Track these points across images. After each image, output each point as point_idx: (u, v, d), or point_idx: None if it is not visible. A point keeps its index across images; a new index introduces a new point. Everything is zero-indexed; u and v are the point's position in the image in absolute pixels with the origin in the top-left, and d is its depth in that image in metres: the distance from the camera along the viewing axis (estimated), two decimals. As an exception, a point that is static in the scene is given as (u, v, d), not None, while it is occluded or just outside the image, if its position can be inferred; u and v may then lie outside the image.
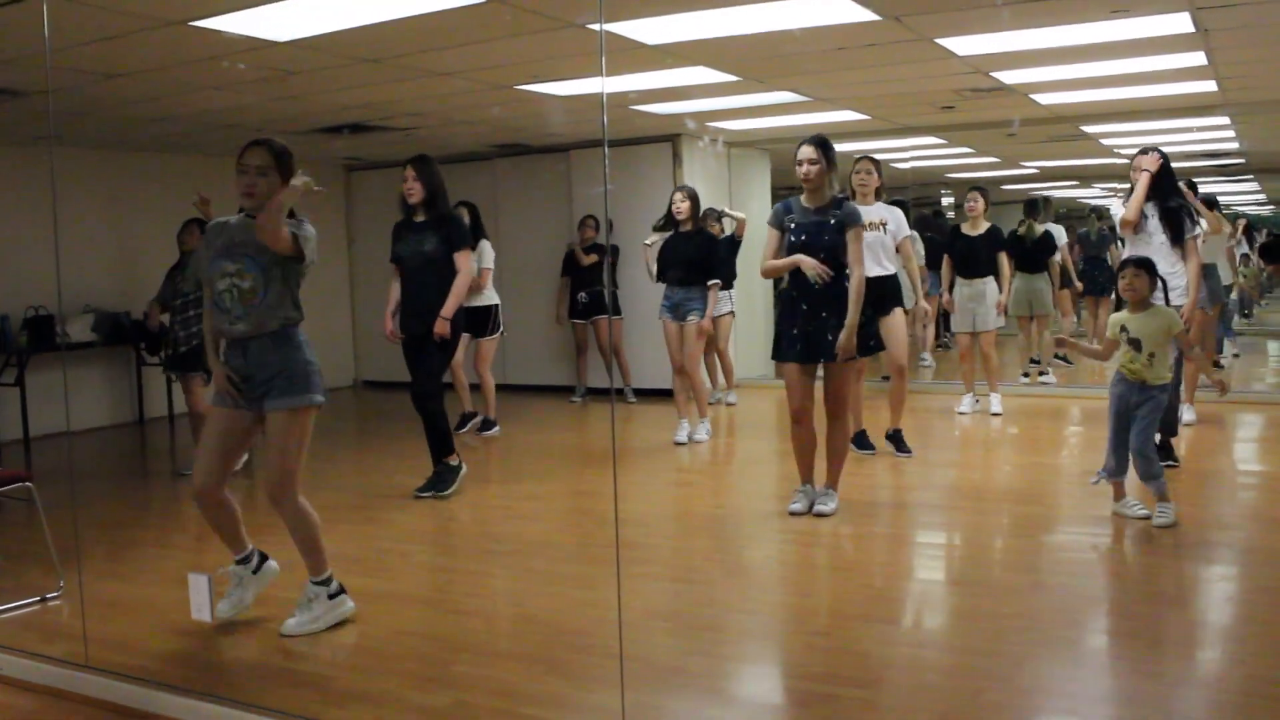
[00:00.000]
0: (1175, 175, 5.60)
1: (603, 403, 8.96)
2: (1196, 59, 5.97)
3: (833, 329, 4.79)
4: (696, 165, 9.09)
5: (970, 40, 5.45)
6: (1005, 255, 7.60)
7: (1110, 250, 9.86)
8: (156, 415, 8.83)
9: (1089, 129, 8.91)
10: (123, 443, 8.24)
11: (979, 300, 7.47)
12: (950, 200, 13.05)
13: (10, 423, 7.71)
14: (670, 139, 8.93)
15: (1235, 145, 10.09)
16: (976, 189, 7.67)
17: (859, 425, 6.32)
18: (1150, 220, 5.46)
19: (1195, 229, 5.50)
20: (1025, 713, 2.99)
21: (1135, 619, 3.70)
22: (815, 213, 4.84)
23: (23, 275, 7.71)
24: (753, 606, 4.00)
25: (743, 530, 5.05)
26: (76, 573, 4.09)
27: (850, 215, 4.84)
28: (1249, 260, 11.83)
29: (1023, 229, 8.71)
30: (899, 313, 6.14)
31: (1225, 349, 9.76)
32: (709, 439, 7.06)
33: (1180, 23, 5.08)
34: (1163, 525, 4.51)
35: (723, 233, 7.84)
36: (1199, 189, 7.35)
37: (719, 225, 7.86)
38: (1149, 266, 4.72)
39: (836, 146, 4.87)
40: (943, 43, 5.47)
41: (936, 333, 10.93)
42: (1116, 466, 4.72)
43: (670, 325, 6.86)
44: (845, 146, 5.77)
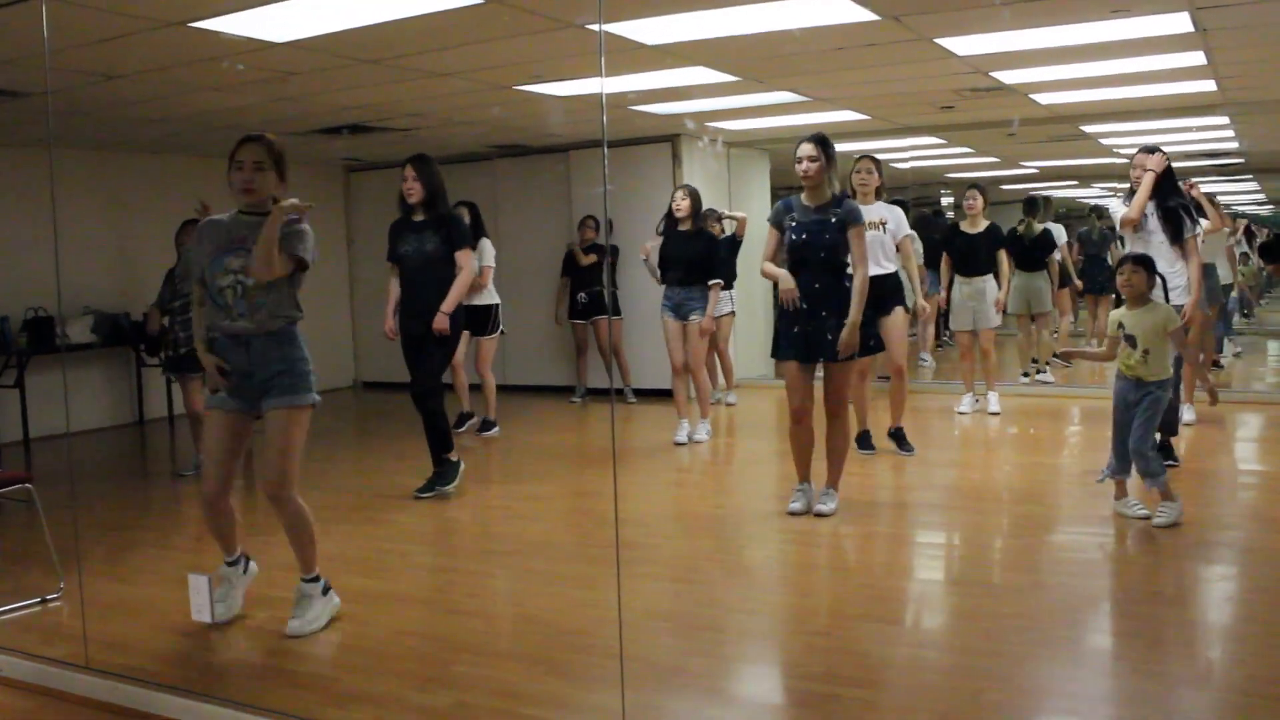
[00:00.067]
0: (1175, 175, 5.61)
1: (602, 403, 8.96)
2: (1196, 59, 5.97)
3: (832, 328, 4.78)
4: (696, 165, 9.09)
5: (970, 40, 5.45)
6: (1005, 253, 7.62)
7: (1110, 249, 9.85)
8: (156, 416, 8.83)
9: (1088, 129, 8.90)
10: (122, 444, 8.24)
11: (979, 298, 7.47)
12: (950, 200, 13.05)
13: (10, 424, 7.71)
14: (670, 139, 8.93)
15: (1235, 145, 10.09)
16: (975, 187, 7.68)
17: (864, 425, 6.33)
18: (1150, 219, 5.47)
19: (1195, 227, 5.50)
20: (1025, 713, 3.00)
21: (1135, 619, 3.70)
22: (815, 211, 4.84)
23: (22, 277, 7.71)
24: (753, 606, 4.00)
25: (743, 530, 5.05)
26: (76, 574, 4.09)
27: (851, 213, 4.84)
28: (1248, 259, 11.84)
29: (1022, 227, 8.71)
30: (899, 312, 6.14)
31: (1226, 348, 9.77)
32: (709, 439, 7.06)
33: (1179, 22, 5.08)
34: (1162, 525, 4.51)
35: (723, 233, 7.83)
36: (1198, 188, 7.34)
37: (719, 225, 7.86)
38: (1147, 263, 4.72)
39: (836, 146, 4.87)
40: (942, 42, 5.47)
41: (936, 332, 10.93)
42: (1118, 465, 4.73)
43: (672, 324, 6.84)
44: (845, 146, 5.76)
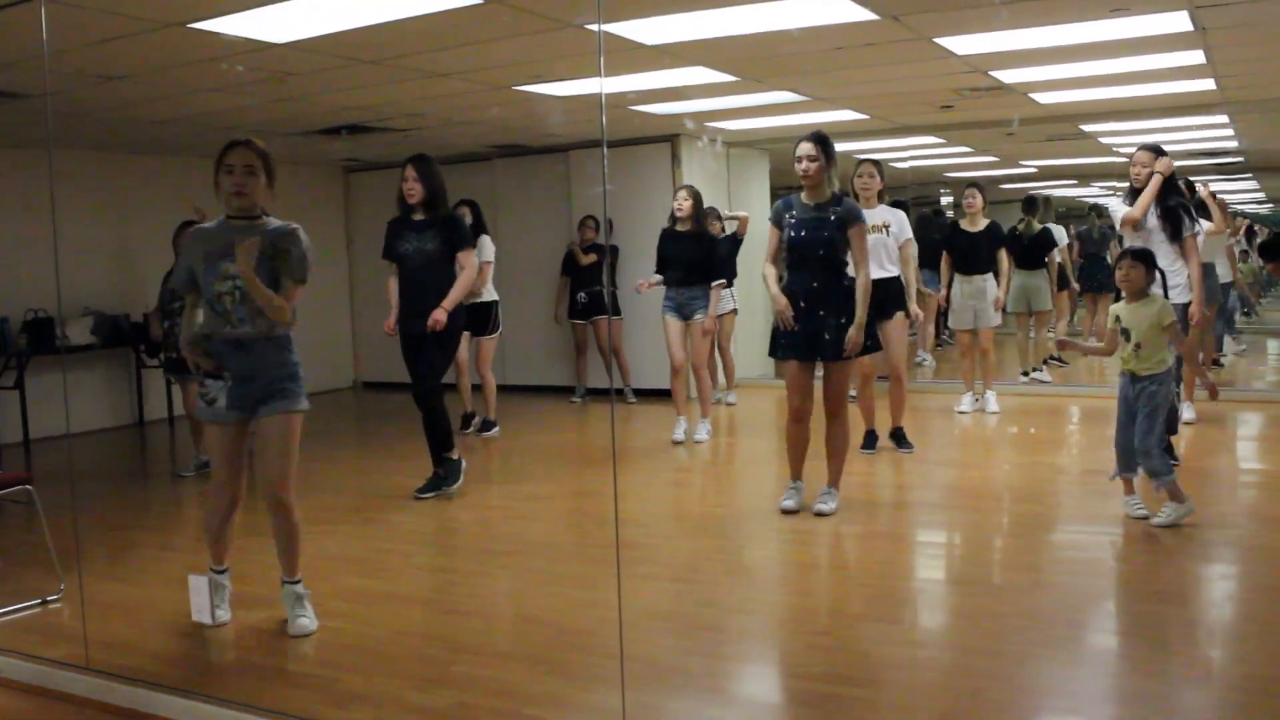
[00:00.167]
0: (1176, 175, 5.61)
1: (602, 403, 8.96)
2: (1195, 57, 5.97)
3: (830, 328, 4.79)
4: (695, 165, 9.08)
5: (969, 39, 5.45)
6: (1005, 251, 7.62)
7: (1110, 248, 9.86)
8: (156, 417, 8.82)
9: (1088, 128, 8.90)
10: (122, 445, 8.24)
11: (979, 297, 7.48)
12: (949, 199, 13.06)
13: (10, 425, 7.71)
14: (669, 139, 8.92)
15: (1234, 144, 10.09)
16: (974, 185, 7.70)
17: (870, 425, 6.37)
18: (1150, 218, 5.46)
19: (1194, 226, 5.50)
20: (1025, 712, 2.99)
21: (1135, 618, 3.71)
22: (815, 209, 4.84)
23: (22, 278, 7.70)
24: (753, 606, 4.00)
25: (743, 530, 5.05)
26: (77, 575, 4.09)
27: (851, 212, 4.84)
28: (1248, 258, 11.85)
29: (1021, 226, 8.72)
30: (900, 316, 6.16)
31: (1227, 347, 9.77)
32: (709, 439, 7.06)
33: (1179, 21, 5.08)
34: (1162, 524, 4.50)
35: (723, 232, 7.83)
36: (1196, 188, 7.34)
37: (719, 224, 7.86)
38: (1146, 258, 4.70)
39: (836, 146, 4.87)
40: (941, 42, 5.47)
41: (936, 331, 10.93)
42: (1123, 463, 4.72)
43: (674, 324, 6.82)
44: (844, 146, 5.77)
